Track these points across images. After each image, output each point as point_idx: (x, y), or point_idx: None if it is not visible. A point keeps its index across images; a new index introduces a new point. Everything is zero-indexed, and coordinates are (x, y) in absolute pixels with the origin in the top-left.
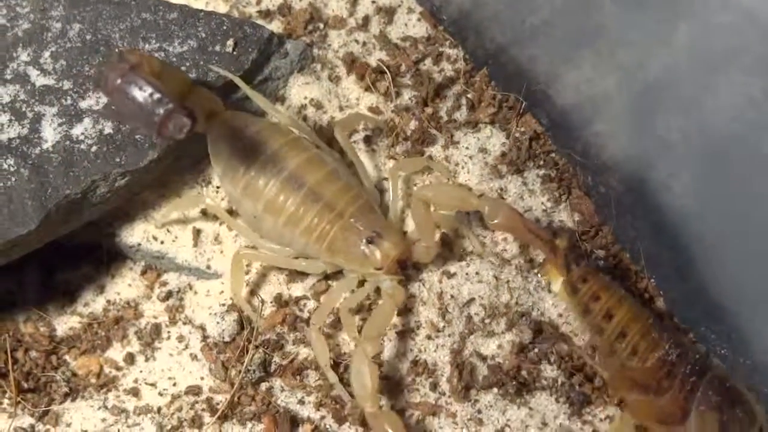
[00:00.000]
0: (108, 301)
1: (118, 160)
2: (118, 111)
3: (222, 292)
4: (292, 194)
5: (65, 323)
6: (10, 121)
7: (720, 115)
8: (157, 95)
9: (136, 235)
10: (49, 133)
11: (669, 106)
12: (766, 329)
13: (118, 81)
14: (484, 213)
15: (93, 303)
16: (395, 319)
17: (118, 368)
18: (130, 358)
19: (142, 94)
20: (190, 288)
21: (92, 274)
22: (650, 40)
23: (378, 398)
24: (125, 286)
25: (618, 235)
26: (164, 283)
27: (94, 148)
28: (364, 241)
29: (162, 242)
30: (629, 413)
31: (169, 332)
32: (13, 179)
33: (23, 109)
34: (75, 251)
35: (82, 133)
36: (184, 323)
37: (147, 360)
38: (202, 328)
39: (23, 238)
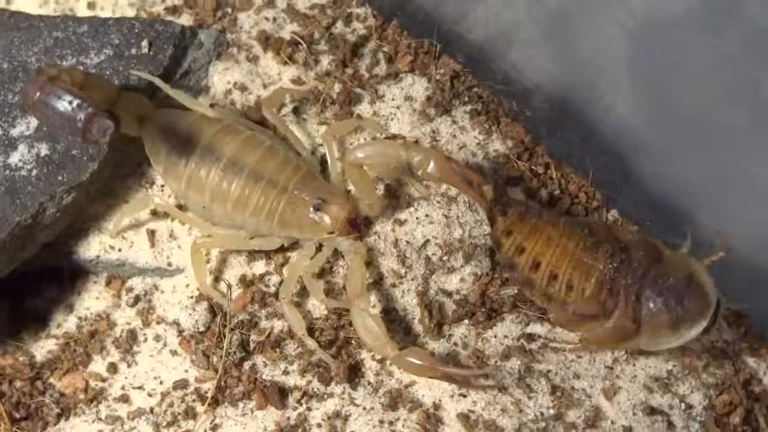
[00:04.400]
0: (79, 318)
1: (60, 178)
2: (45, 125)
3: (188, 285)
4: (234, 179)
5: (42, 348)
6: None
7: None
8: (76, 101)
9: (93, 248)
10: None
11: (579, 25)
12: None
13: (38, 95)
14: (413, 164)
15: (65, 323)
16: None
17: (103, 380)
18: (113, 368)
19: (62, 102)
20: (156, 288)
21: (58, 295)
22: None
23: (394, 341)
24: (93, 300)
25: (552, 153)
26: (130, 289)
27: (34, 172)
28: (311, 209)
29: (120, 250)
30: (589, 344)
31: (145, 334)
32: None
33: None
34: (37, 277)
35: (20, 160)
36: (158, 323)
37: (129, 366)
38: (176, 323)
39: None
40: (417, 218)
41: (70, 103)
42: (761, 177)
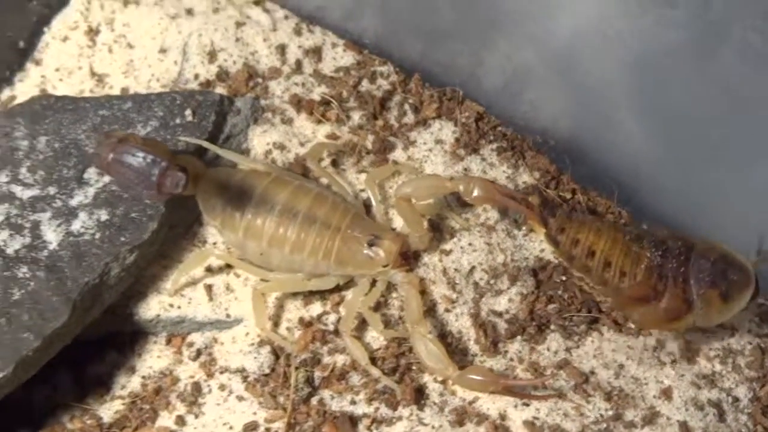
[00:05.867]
0: (143, 377)
1: (122, 239)
2: (119, 183)
3: (247, 334)
4: (290, 224)
5: (109, 409)
6: (11, 235)
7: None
8: (150, 157)
9: (152, 308)
10: (52, 236)
11: (585, 64)
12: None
13: (111, 155)
14: (460, 192)
15: (129, 383)
16: None
17: None
18: (181, 421)
19: (136, 159)
20: (216, 341)
21: (119, 359)
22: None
23: (454, 362)
24: (155, 359)
25: (577, 179)
26: (190, 344)
27: (97, 236)
28: (366, 245)
29: (179, 307)
30: (643, 326)
31: (209, 385)
32: (32, 284)
33: (19, 222)
34: (98, 343)
35: (81, 226)
36: (221, 372)
37: (197, 417)
38: (239, 371)
39: (58, 331)
40: (461, 247)
41: (144, 158)
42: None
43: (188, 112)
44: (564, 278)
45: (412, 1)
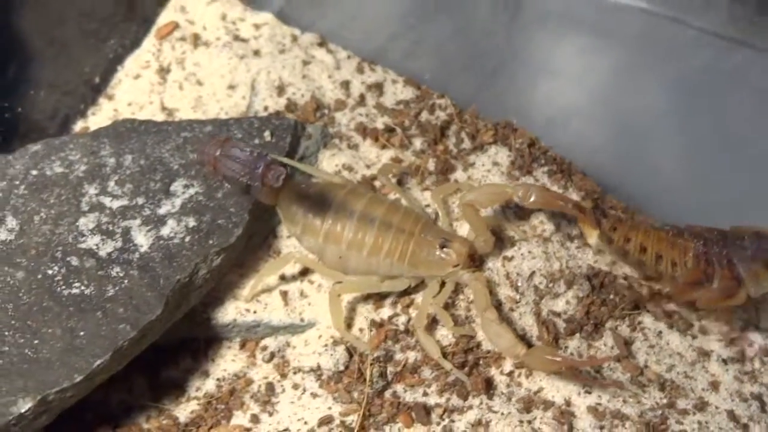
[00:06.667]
0: (218, 380)
1: (210, 242)
2: (224, 175)
3: (320, 336)
4: (367, 229)
5: (184, 410)
6: (103, 240)
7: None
8: (255, 152)
9: (229, 314)
10: (142, 240)
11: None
12: None
13: (219, 151)
14: (518, 196)
15: (204, 386)
16: None
17: (248, 429)
18: (255, 419)
19: (243, 153)
20: (289, 345)
21: (194, 365)
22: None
23: (522, 343)
24: (229, 362)
25: (620, 198)
26: (264, 348)
27: (187, 239)
28: (438, 247)
29: (255, 312)
30: (703, 308)
31: (282, 386)
32: (127, 281)
33: (110, 228)
34: (172, 350)
35: (171, 231)
36: (295, 373)
37: (271, 414)
38: (313, 370)
39: (152, 324)
40: (522, 254)
41: (251, 153)
42: None
43: (267, 133)
44: (614, 285)
45: (463, 44)
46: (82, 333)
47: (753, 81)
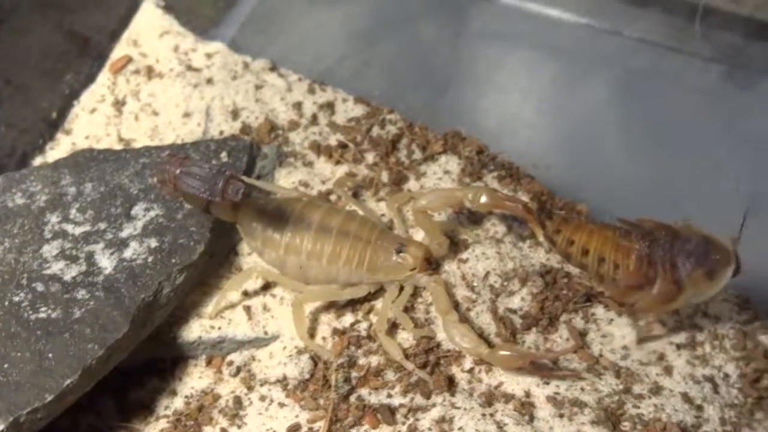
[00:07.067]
0: (186, 397)
1: (173, 261)
2: (184, 193)
3: (284, 347)
4: (326, 239)
5: (154, 429)
6: (67, 265)
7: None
8: (215, 168)
9: (194, 331)
10: (106, 262)
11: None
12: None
13: (179, 170)
14: (469, 199)
15: (172, 404)
16: None
17: None
18: None
19: (203, 170)
20: (254, 358)
21: (161, 384)
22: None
23: (484, 341)
24: (196, 380)
25: (566, 198)
26: (230, 363)
27: (150, 259)
28: (394, 253)
29: (219, 328)
30: (642, 312)
31: (250, 398)
32: (92, 302)
33: (74, 253)
34: (138, 372)
35: (134, 253)
36: (261, 385)
37: (240, 427)
38: (280, 380)
39: (119, 342)
40: (476, 256)
41: (210, 170)
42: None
43: (224, 154)
44: (566, 280)
45: (411, 62)
46: (50, 355)
47: (687, 83)
